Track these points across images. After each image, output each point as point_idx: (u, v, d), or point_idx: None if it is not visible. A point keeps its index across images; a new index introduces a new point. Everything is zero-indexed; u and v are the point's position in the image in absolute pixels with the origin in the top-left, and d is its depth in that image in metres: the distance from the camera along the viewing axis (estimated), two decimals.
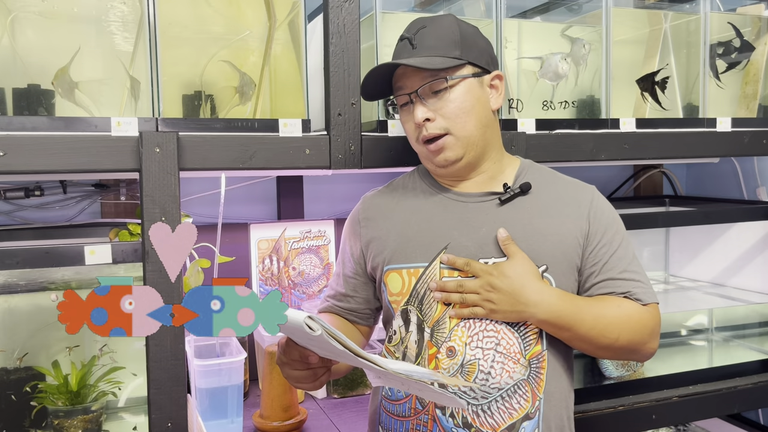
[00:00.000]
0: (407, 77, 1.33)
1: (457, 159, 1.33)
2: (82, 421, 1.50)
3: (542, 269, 1.30)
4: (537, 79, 1.80)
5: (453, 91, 1.31)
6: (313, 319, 1.02)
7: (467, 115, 1.32)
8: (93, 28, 1.44)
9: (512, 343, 1.29)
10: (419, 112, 1.31)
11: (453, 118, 1.31)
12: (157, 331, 1.37)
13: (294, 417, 1.74)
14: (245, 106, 1.54)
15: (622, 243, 1.35)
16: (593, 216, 1.35)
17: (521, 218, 1.33)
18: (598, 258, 1.33)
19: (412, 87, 1.32)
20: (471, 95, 1.33)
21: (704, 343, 2.18)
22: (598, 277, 1.33)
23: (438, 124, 1.31)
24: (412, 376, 1.09)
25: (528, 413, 1.28)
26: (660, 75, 1.91)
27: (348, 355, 1.07)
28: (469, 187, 1.38)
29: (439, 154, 1.33)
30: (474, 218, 1.34)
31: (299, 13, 1.56)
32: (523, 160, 1.44)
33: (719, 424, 2.36)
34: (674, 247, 2.49)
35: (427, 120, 1.31)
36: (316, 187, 2.25)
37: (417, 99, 1.32)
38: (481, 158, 1.37)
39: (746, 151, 1.97)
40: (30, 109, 1.40)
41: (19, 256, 1.36)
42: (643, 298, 1.32)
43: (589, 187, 1.41)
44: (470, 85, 1.33)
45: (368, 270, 1.42)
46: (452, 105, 1.31)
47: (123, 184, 2.00)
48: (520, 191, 1.35)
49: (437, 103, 1.31)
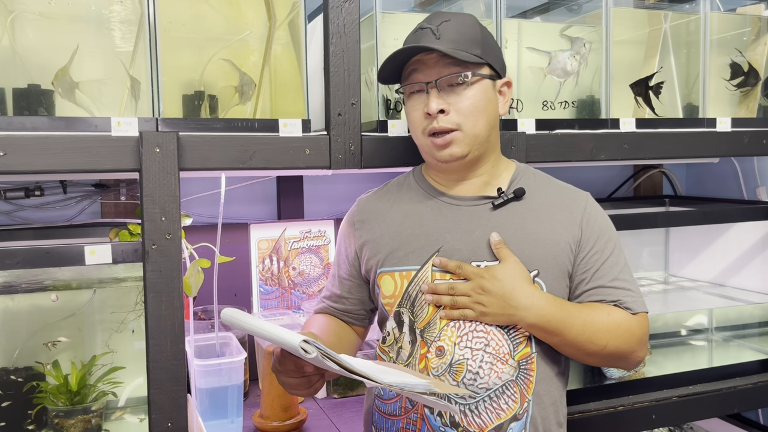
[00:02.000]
0: (426, 65, 1.32)
1: (462, 156, 1.33)
2: (82, 421, 1.50)
3: (533, 274, 1.30)
4: (545, 75, 1.80)
5: (471, 88, 1.31)
6: (309, 342, 1.03)
7: (480, 114, 1.32)
8: (93, 27, 1.44)
9: (501, 344, 1.29)
10: (435, 102, 1.30)
11: (467, 114, 1.31)
12: (157, 331, 1.38)
13: (294, 417, 1.74)
14: (245, 106, 1.54)
15: (614, 251, 1.35)
16: (586, 223, 1.35)
17: (514, 223, 1.33)
18: (589, 265, 1.34)
19: (430, 76, 1.31)
20: (485, 95, 1.33)
21: (704, 343, 2.18)
22: (589, 284, 1.34)
23: (450, 118, 1.31)
24: (404, 388, 1.10)
25: (516, 414, 1.28)
26: (654, 80, 1.91)
27: (343, 372, 1.08)
28: (463, 190, 1.38)
29: (445, 149, 1.32)
30: (467, 222, 1.34)
31: (299, 13, 1.56)
32: (518, 164, 1.44)
33: (719, 424, 2.36)
34: (674, 247, 2.49)
35: (440, 112, 1.30)
36: (316, 187, 2.25)
37: (434, 89, 1.31)
38: (481, 159, 1.37)
39: (746, 151, 1.97)
40: (30, 109, 1.40)
41: (19, 256, 1.36)
42: (633, 307, 1.33)
43: (583, 194, 1.41)
44: (486, 85, 1.33)
45: (362, 272, 1.43)
46: (468, 102, 1.31)
47: (123, 184, 2.00)
48: (513, 196, 1.35)
49: (452, 97, 1.31)
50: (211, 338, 1.79)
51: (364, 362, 1.21)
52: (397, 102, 1.68)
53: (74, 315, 1.57)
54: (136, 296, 1.56)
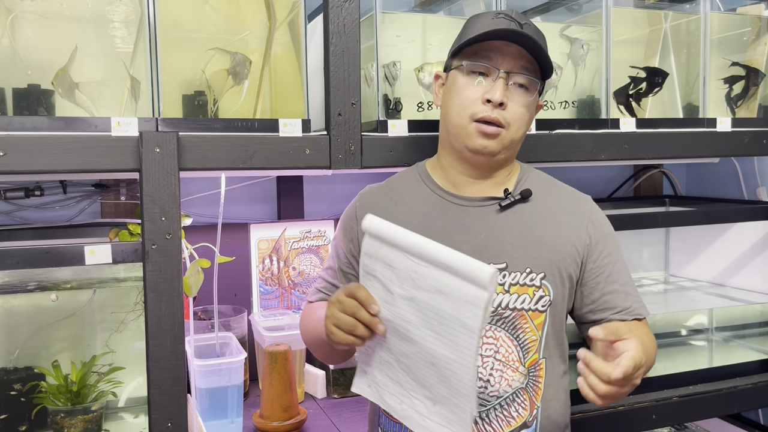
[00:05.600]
0: (502, 54, 1.29)
1: (494, 153, 1.31)
2: (82, 421, 1.50)
3: (540, 277, 1.30)
4: (567, 60, 1.81)
5: (531, 96, 1.31)
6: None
7: (525, 124, 1.33)
8: (93, 27, 1.44)
9: (511, 351, 1.28)
10: (500, 93, 1.27)
11: (517, 118, 1.30)
12: (157, 331, 1.38)
13: (294, 417, 1.74)
14: (241, 87, 1.52)
15: (619, 254, 1.37)
16: (593, 228, 1.35)
17: (521, 226, 1.33)
18: (601, 269, 1.34)
19: (504, 65, 1.29)
20: (533, 109, 1.35)
21: (704, 343, 2.18)
22: (606, 289, 1.34)
23: (504, 114, 1.29)
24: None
25: (526, 422, 1.28)
26: (635, 87, 1.91)
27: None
28: (471, 191, 1.36)
29: (488, 139, 1.29)
30: (473, 223, 1.33)
31: (299, 13, 1.56)
32: (522, 165, 1.43)
33: (719, 424, 2.36)
34: (674, 247, 2.49)
35: (499, 105, 1.28)
36: (316, 187, 2.25)
37: (504, 80, 1.28)
38: (504, 163, 1.36)
39: (746, 151, 1.97)
40: (30, 109, 1.40)
41: (19, 256, 1.36)
42: (642, 313, 1.35)
43: (585, 197, 1.42)
44: (536, 100, 1.34)
45: None
46: (523, 108, 1.30)
47: (123, 184, 2.00)
48: (520, 197, 1.34)
49: (512, 96, 1.29)
50: (211, 338, 1.79)
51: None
52: (397, 102, 1.68)
53: (74, 315, 1.57)
54: (136, 296, 1.56)
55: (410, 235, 1.12)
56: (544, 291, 1.30)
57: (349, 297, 1.15)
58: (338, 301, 1.16)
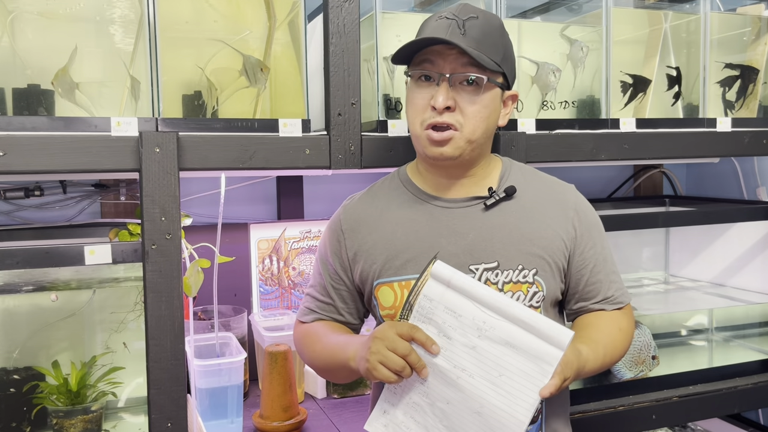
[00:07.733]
0: (443, 56, 1.27)
1: (452, 157, 1.29)
2: (82, 421, 1.50)
3: (532, 272, 1.30)
4: (532, 84, 1.81)
5: (482, 93, 1.28)
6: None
7: (482, 121, 1.29)
8: (93, 27, 1.44)
9: None
10: (443, 97, 1.26)
11: (470, 117, 1.28)
12: (157, 331, 1.38)
13: (294, 417, 1.74)
14: (253, 89, 1.51)
15: (603, 242, 1.39)
16: (578, 220, 1.36)
17: (508, 223, 1.32)
18: (586, 261, 1.35)
19: (446, 69, 1.27)
20: (492, 104, 1.31)
21: (704, 343, 2.18)
22: (590, 279, 1.35)
23: (455, 116, 1.27)
24: None
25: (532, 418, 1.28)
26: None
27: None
28: (453, 192, 1.35)
29: (439, 147, 1.28)
30: (460, 225, 1.32)
31: (299, 13, 1.56)
32: (503, 159, 1.42)
33: (719, 424, 2.36)
34: (674, 247, 2.49)
35: (446, 109, 1.27)
36: (316, 187, 2.25)
37: (446, 83, 1.27)
38: (473, 162, 1.34)
39: (746, 151, 1.97)
40: (30, 109, 1.40)
41: (19, 256, 1.36)
42: (623, 300, 1.38)
43: (569, 186, 1.42)
44: (495, 94, 1.31)
45: (355, 281, 1.38)
46: (475, 106, 1.28)
47: (123, 184, 2.00)
48: (505, 195, 1.34)
49: (461, 96, 1.27)
50: (211, 338, 1.79)
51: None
52: (397, 102, 1.68)
53: (74, 315, 1.57)
54: (136, 296, 1.56)
55: (483, 286, 1.17)
56: (538, 287, 1.30)
57: (400, 336, 1.16)
58: (386, 338, 1.16)
